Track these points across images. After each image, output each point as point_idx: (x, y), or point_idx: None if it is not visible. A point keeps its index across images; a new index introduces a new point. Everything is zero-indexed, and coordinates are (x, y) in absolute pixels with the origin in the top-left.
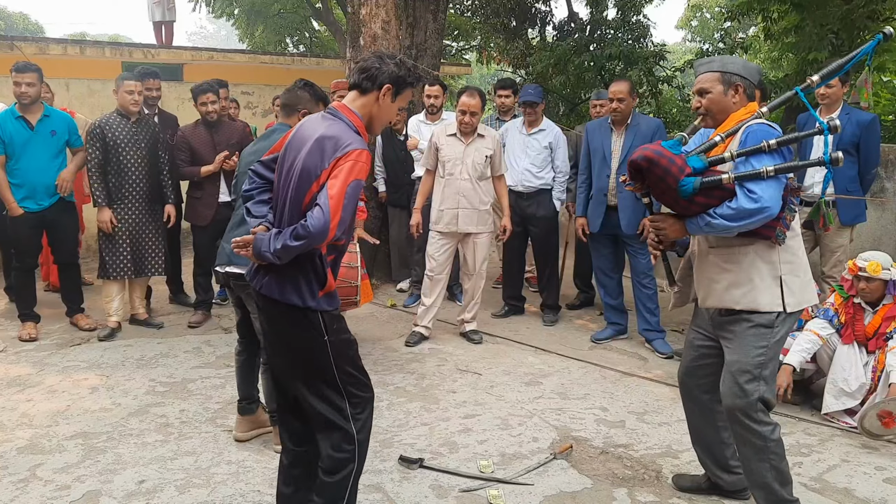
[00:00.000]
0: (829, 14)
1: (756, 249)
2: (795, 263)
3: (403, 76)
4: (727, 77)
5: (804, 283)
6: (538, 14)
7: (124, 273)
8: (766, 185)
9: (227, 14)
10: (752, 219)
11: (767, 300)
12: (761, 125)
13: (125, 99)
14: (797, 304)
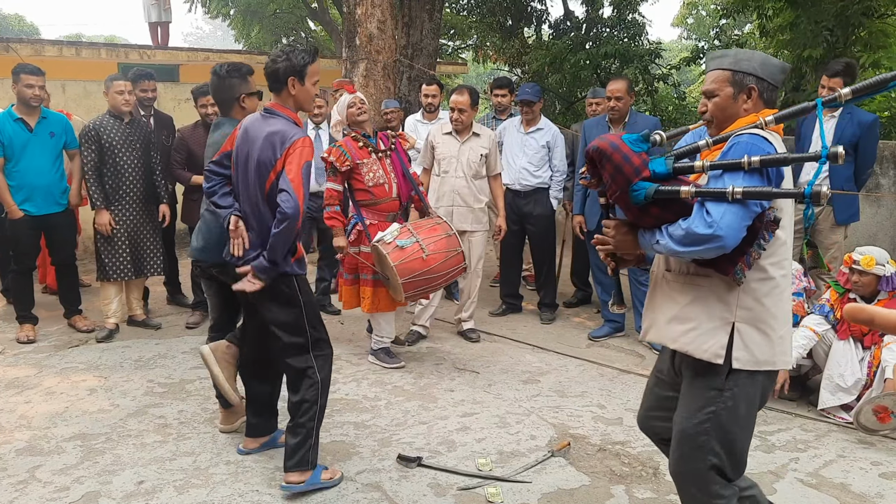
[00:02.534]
0: (823, 11)
1: (712, 284)
2: (759, 312)
3: (296, 63)
4: (739, 78)
5: (770, 340)
6: (534, 12)
7: (124, 274)
8: (727, 209)
9: (223, 14)
10: (701, 247)
11: (707, 346)
12: (753, 136)
13: (116, 100)
14: (753, 363)
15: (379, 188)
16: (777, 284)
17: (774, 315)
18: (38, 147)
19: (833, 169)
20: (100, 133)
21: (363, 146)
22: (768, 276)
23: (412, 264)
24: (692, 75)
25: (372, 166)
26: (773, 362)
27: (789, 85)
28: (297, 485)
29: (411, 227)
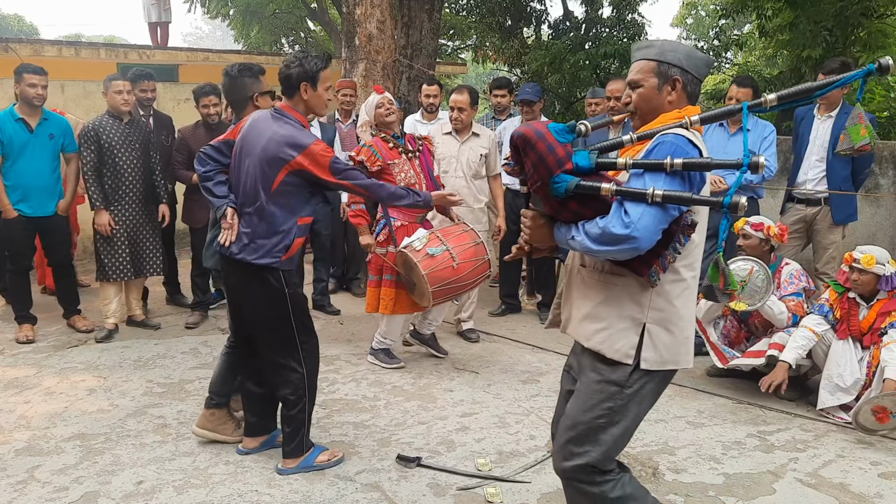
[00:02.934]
0: (823, 11)
1: (626, 284)
2: (669, 314)
3: (309, 69)
4: (664, 69)
5: (677, 341)
6: (533, 13)
7: (124, 274)
8: (645, 211)
9: (222, 14)
10: (616, 247)
11: (619, 346)
12: (678, 137)
13: (115, 100)
14: (659, 363)
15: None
16: (688, 286)
17: (683, 316)
18: (37, 148)
19: (831, 169)
20: (99, 133)
21: (393, 146)
22: (680, 278)
23: (443, 273)
24: None
25: (403, 166)
26: (676, 361)
27: (788, 85)
28: (290, 468)
29: (440, 234)
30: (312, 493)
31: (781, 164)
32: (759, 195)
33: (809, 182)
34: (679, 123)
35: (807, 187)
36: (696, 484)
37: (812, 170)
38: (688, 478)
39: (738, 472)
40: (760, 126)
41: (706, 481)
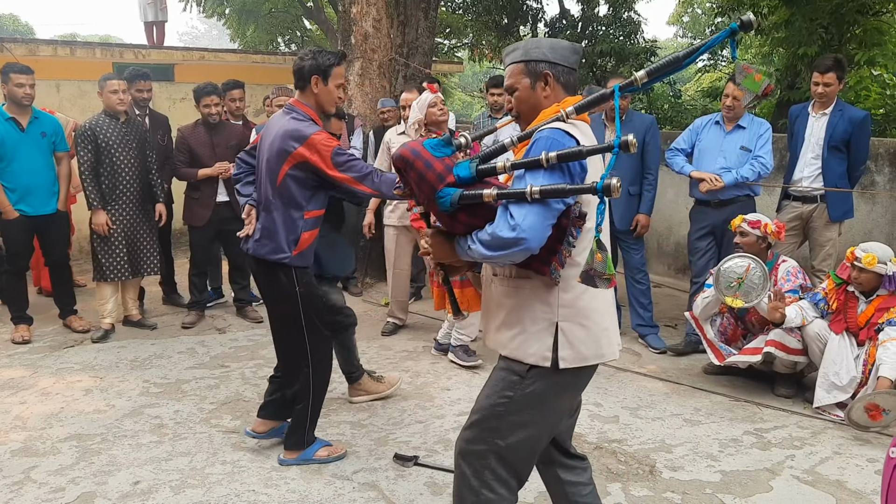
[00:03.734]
0: (818, 8)
1: (533, 286)
2: (579, 308)
3: (321, 63)
4: (532, 67)
5: (593, 334)
6: (530, 11)
7: (121, 274)
8: (529, 210)
9: (218, 13)
10: (508, 251)
11: (535, 349)
12: (553, 131)
13: (111, 99)
14: (577, 360)
15: None
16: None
17: (595, 308)
18: (31, 147)
19: (827, 166)
20: (96, 133)
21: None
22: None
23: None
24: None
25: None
26: (600, 355)
27: (784, 83)
28: (290, 459)
29: None
30: (310, 493)
31: (777, 161)
32: (756, 193)
33: (805, 179)
34: (556, 117)
35: (803, 185)
36: (693, 482)
37: (808, 167)
38: (685, 475)
39: (736, 470)
40: (756, 123)
41: (703, 479)
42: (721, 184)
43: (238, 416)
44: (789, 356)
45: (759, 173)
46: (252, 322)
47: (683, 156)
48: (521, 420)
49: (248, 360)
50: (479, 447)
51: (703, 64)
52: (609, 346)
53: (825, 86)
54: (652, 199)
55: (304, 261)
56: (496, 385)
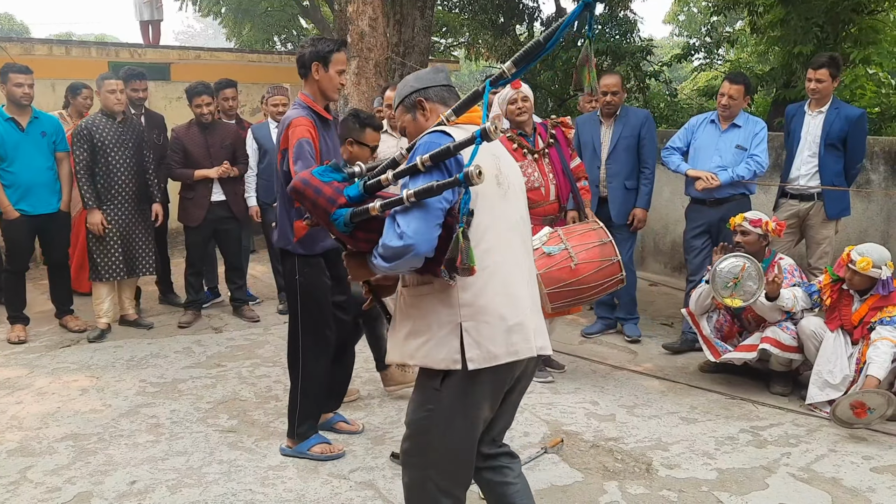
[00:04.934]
0: (814, 7)
1: (434, 290)
2: (481, 305)
3: (320, 49)
4: (407, 103)
5: (500, 330)
6: (526, 10)
7: (117, 274)
8: (410, 215)
9: (214, 13)
10: (402, 259)
11: (443, 354)
12: (431, 135)
13: (108, 99)
14: (487, 359)
15: (534, 192)
16: (494, 272)
17: (499, 304)
18: (32, 146)
19: (823, 164)
20: (92, 132)
21: (518, 147)
22: (481, 267)
23: (559, 273)
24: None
25: (526, 169)
26: (514, 352)
27: (780, 81)
28: (288, 448)
29: (562, 232)
30: (306, 492)
31: (773, 160)
32: (752, 191)
33: (802, 178)
34: (437, 124)
35: (800, 183)
36: (689, 479)
37: (804, 165)
38: (681, 473)
39: (732, 468)
40: (752, 122)
41: (699, 477)
42: (717, 182)
43: (235, 416)
44: (784, 353)
45: (754, 172)
46: (248, 321)
47: (679, 154)
48: (446, 429)
49: (245, 360)
50: (415, 459)
51: (698, 63)
52: (524, 343)
53: (818, 82)
54: (649, 193)
55: (305, 248)
56: (419, 398)
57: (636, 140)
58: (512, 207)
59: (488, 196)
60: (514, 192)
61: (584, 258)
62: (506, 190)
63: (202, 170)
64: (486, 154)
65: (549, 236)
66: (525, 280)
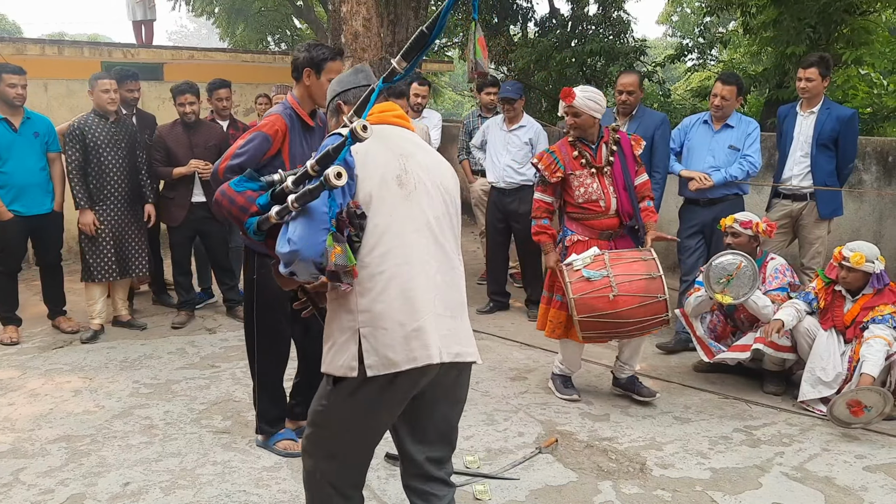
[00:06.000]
0: (806, 8)
1: (338, 296)
2: (379, 311)
3: (315, 56)
4: (331, 108)
5: (398, 337)
6: (520, 10)
7: (109, 275)
8: (297, 221)
9: (207, 13)
10: (294, 265)
11: (342, 361)
12: (330, 138)
13: (102, 99)
14: (385, 366)
15: (592, 204)
16: (392, 276)
17: (396, 309)
18: (25, 147)
19: (815, 164)
20: (84, 132)
21: (578, 155)
22: (378, 271)
23: (595, 301)
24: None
25: (584, 179)
26: (412, 359)
27: (773, 82)
28: (261, 441)
29: (609, 256)
30: (301, 493)
31: (766, 160)
32: (745, 191)
33: (795, 178)
34: (342, 126)
35: (792, 183)
36: (683, 479)
37: (797, 165)
38: (675, 473)
39: (725, 467)
40: (745, 122)
41: (693, 476)
42: (710, 183)
43: (228, 417)
44: (778, 353)
45: (747, 172)
46: (242, 322)
47: (672, 154)
48: (337, 429)
49: (239, 361)
50: (309, 450)
51: (691, 63)
52: (423, 349)
53: (807, 81)
54: (659, 197)
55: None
56: (319, 391)
57: (649, 143)
58: (418, 209)
59: (385, 198)
60: (424, 192)
61: (626, 290)
62: (410, 191)
63: (180, 168)
64: (388, 153)
65: (594, 259)
66: (434, 284)
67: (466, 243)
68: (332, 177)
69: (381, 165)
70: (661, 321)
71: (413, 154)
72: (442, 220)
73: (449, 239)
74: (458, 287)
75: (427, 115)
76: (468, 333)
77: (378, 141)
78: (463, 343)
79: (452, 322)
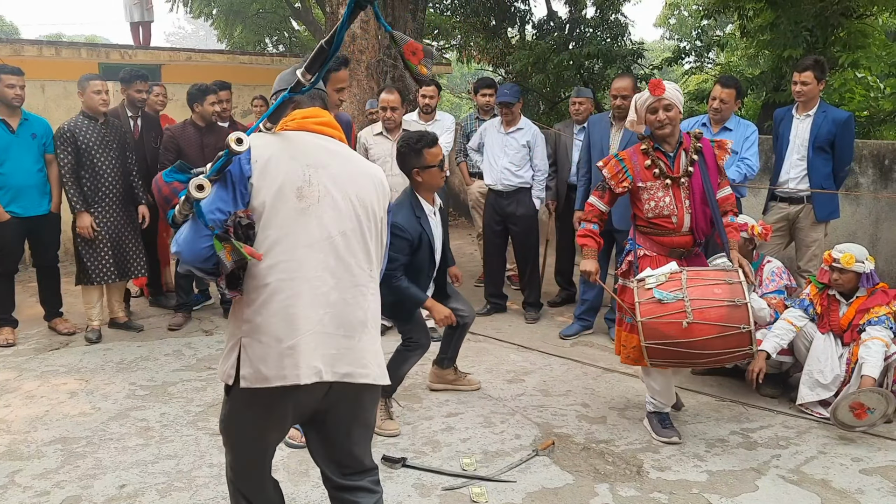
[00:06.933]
0: (803, 11)
1: (235, 302)
2: (258, 323)
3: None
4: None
5: (273, 352)
6: (517, 13)
7: (108, 277)
8: (186, 224)
9: (205, 14)
10: (184, 266)
11: (225, 367)
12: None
13: (94, 100)
14: (257, 379)
15: (663, 220)
16: (276, 290)
17: (273, 324)
18: (22, 148)
19: (812, 167)
20: (75, 135)
21: (651, 164)
22: (263, 283)
23: (665, 328)
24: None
25: (656, 192)
26: (282, 377)
27: (770, 85)
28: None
29: (687, 275)
30: (297, 495)
31: (763, 163)
32: (742, 194)
33: (791, 181)
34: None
35: (789, 186)
36: (680, 482)
37: (794, 168)
38: (672, 475)
39: (722, 470)
40: (743, 126)
41: (690, 479)
42: None
43: None
44: (775, 356)
45: (745, 175)
46: None
47: None
48: (231, 432)
49: None
50: (225, 453)
51: (689, 66)
52: (293, 369)
53: (803, 84)
54: None
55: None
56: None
57: None
58: (317, 222)
59: (280, 210)
60: (329, 205)
61: (703, 318)
62: (310, 203)
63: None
64: (293, 163)
65: (669, 277)
66: (326, 301)
67: (464, 245)
68: (192, 189)
69: (281, 175)
70: (744, 355)
71: (325, 165)
72: (351, 235)
73: (358, 255)
74: (361, 306)
75: (440, 117)
76: (368, 354)
77: (285, 149)
78: (356, 363)
79: (346, 341)
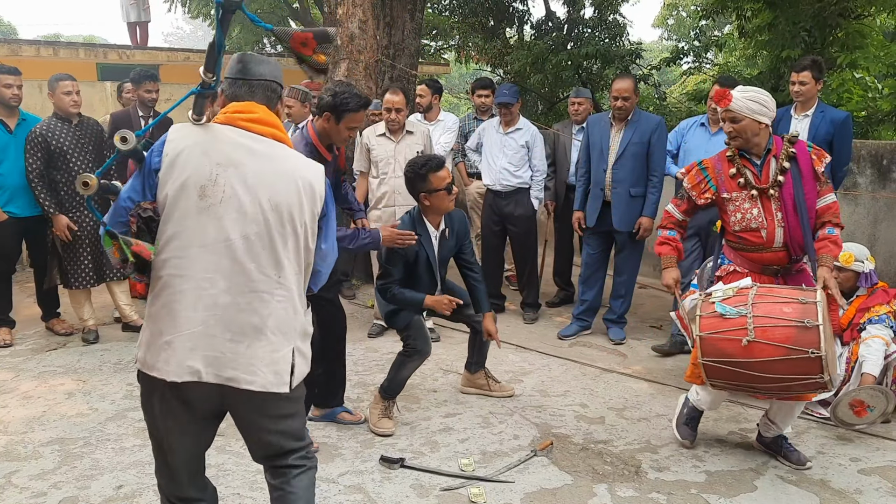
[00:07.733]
0: (801, 12)
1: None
2: (151, 311)
3: (336, 104)
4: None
5: (156, 343)
6: (516, 13)
7: (86, 282)
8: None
9: (203, 14)
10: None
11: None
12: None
13: (64, 101)
14: (142, 363)
15: (751, 234)
16: (166, 284)
17: (162, 317)
18: (20, 149)
19: None
20: (47, 138)
21: (736, 173)
22: (157, 275)
23: (724, 344)
24: (672, 76)
25: (742, 203)
26: (152, 366)
27: (768, 85)
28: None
29: (757, 291)
30: None
31: None
32: None
33: None
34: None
35: None
36: (678, 482)
37: None
38: (670, 476)
39: (720, 470)
40: None
41: (689, 479)
42: None
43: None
44: None
45: None
46: None
47: (669, 157)
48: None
49: None
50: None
51: (687, 66)
52: (165, 364)
53: (801, 84)
54: (656, 202)
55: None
56: None
57: (646, 147)
58: (216, 223)
59: (180, 206)
60: (233, 207)
61: (766, 337)
62: (211, 203)
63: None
64: (204, 159)
65: (737, 291)
66: (213, 304)
67: None
68: (78, 185)
69: (188, 170)
70: (814, 384)
71: (238, 164)
72: (255, 239)
73: (261, 260)
74: (258, 312)
75: (443, 117)
76: (259, 361)
77: (200, 144)
78: (242, 369)
79: (232, 345)
